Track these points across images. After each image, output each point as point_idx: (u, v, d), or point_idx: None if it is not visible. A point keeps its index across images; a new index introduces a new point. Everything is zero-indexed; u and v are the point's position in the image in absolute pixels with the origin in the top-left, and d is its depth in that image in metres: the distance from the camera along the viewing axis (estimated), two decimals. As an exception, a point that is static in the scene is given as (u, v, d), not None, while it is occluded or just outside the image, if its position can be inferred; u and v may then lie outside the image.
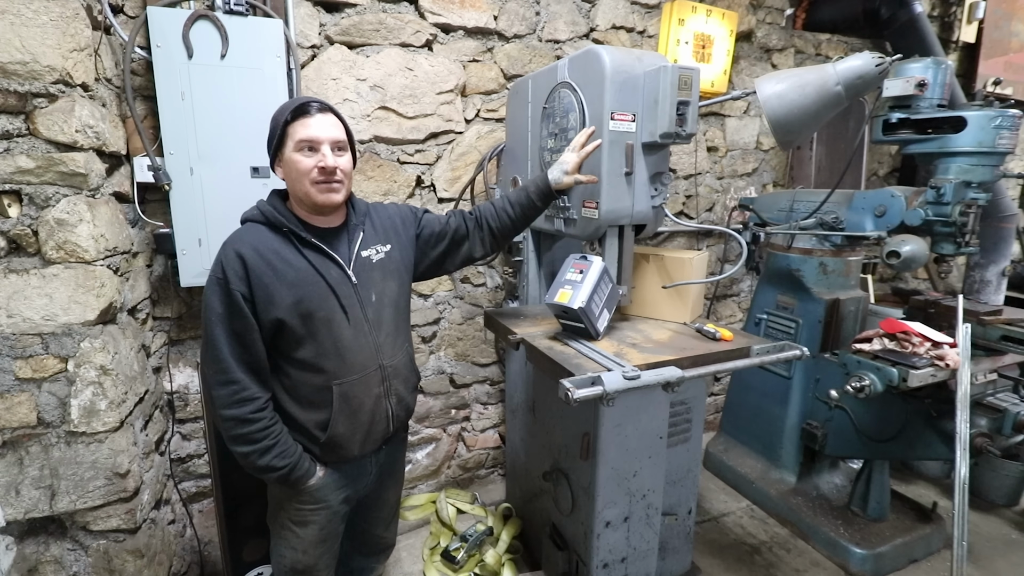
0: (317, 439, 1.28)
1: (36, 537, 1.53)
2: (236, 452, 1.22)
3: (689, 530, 1.95)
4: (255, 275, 1.17)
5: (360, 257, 1.30)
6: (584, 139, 1.46)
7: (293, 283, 1.19)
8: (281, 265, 1.19)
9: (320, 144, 1.19)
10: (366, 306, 1.29)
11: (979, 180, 1.82)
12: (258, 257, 1.18)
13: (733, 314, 3.31)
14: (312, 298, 1.21)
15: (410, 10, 2.13)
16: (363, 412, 1.30)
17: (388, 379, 1.34)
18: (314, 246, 1.24)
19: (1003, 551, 2.25)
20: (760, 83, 1.95)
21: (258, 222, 1.24)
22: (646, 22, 2.61)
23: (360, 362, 1.28)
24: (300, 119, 1.19)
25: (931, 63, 1.85)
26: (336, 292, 1.24)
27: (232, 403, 1.18)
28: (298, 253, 1.22)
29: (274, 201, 1.27)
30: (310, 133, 1.18)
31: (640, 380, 1.28)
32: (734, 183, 3.09)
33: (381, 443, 1.40)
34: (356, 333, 1.27)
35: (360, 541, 1.62)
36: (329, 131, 1.21)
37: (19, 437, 1.45)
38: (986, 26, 3.42)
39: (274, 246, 1.21)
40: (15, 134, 1.34)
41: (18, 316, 1.39)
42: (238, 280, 1.16)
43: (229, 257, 1.17)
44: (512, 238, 1.61)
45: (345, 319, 1.25)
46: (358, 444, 1.32)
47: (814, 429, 2.29)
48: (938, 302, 2.29)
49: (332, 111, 1.24)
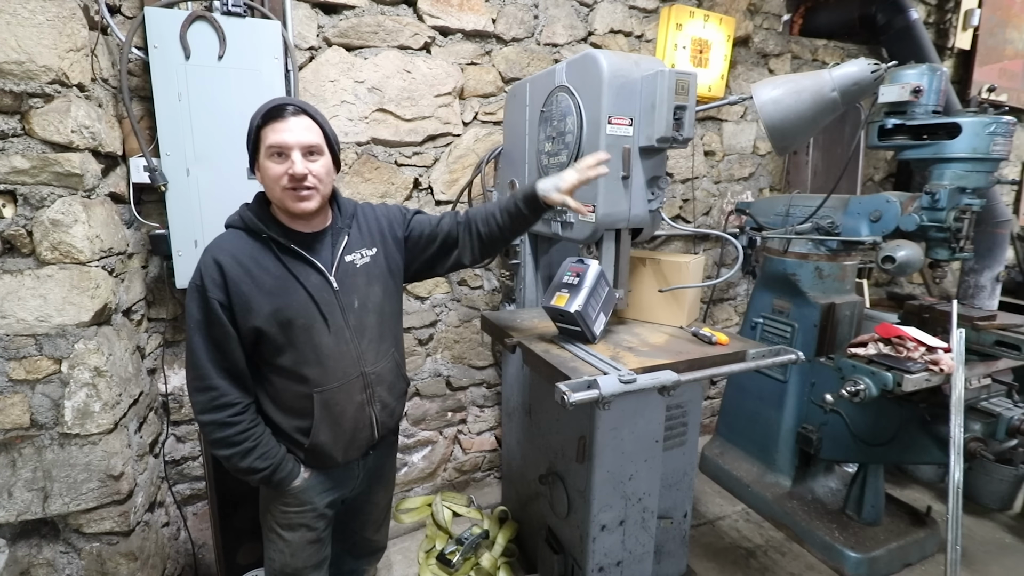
0: (301, 444, 1.27)
1: (29, 540, 1.51)
2: (218, 456, 1.23)
3: (685, 534, 1.95)
4: (233, 283, 1.15)
5: (343, 262, 1.27)
6: (593, 162, 1.32)
7: (271, 291, 1.17)
8: (259, 273, 1.17)
9: (290, 150, 1.14)
10: (347, 313, 1.26)
11: (973, 186, 1.84)
12: (236, 265, 1.16)
13: (729, 318, 3.32)
14: (291, 306, 1.19)
15: (408, 12, 2.14)
16: (345, 419, 1.29)
17: (371, 386, 1.32)
18: (293, 252, 1.21)
19: (997, 555, 2.26)
20: (756, 88, 1.96)
21: (239, 228, 1.22)
22: (644, 27, 2.62)
23: (341, 369, 1.26)
24: (271, 123, 1.15)
25: (926, 70, 1.87)
26: (316, 299, 1.21)
27: (210, 408, 1.18)
28: (277, 260, 1.20)
29: (256, 206, 1.24)
30: (279, 139, 1.14)
31: (636, 384, 1.28)
32: (731, 187, 3.11)
33: (367, 449, 1.38)
34: (337, 340, 1.25)
35: (351, 543, 1.62)
36: (300, 136, 1.15)
37: (12, 439, 1.44)
38: (981, 33, 3.45)
39: (253, 253, 1.19)
40: (10, 134, 1.34)
41: (12, 317, 1.39)
42: (216, 288, 1.15)
43: (208, 264, 1.16)
44: (503, 246, 1.53)
45: (325, 326, 1.23)
46: (341, 451, 1.31)
47: (809, 433, 2.29)
48: (933, 307, 2.31)
49: (307, 113, 1.18)
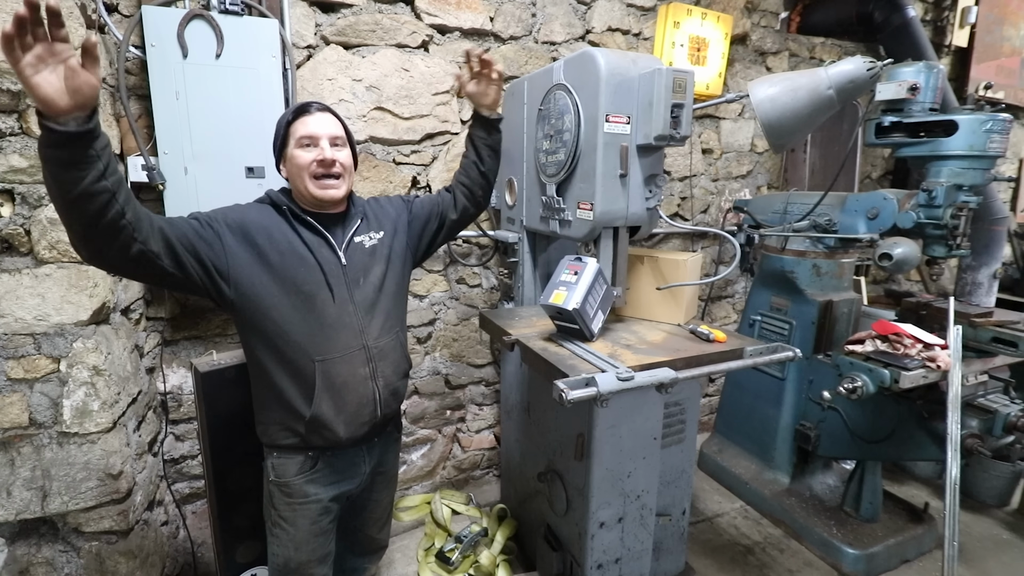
0: (303, 416, 1.28)
1: (28, 539, 1.52)
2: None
3: (683, 531, 1.96)
4: (248, 234, 1.23)
5: (353, 242, 1.36)
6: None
7: (282, 251, 1.25)
8: (278, 234, 1.27)
9: (318, 139, 1.27)
10: (353, 288, 1.32)
11: (970, 183, 1.84)
12: (256, 224, 1.25)
13: (727, 316, 3.33)
14: (299, 273, 1.26)
15: (406, 11, 2.14)
16: (348, 392, 1.31)
17: (374, 360, 1.34)
18: (309, 225, 1.30)
19: (994, 551, 2.27)
20: (753, 87, 1.97)
21: (263, 203, 1.33)
22: (642, 25, 2.62)
23: (344, 341, 1.30)
24: (300, 118, 1.29)
25: (923, 67, 1.87)
26: (324, 270, 1.28)
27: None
28: (293, 231, 1.29)
29: (280, 192, 1.36)
30: (308, 129, 1.27)
31: (634, 381, 1.28)
32: (728, 185, 3.11)
33: (369, 429, 1.37)
34: (340, 312, 1.30)
35: (353, 541, 1.63)
36: (327, 127, 1.29)
37: (10, 438, 1.44)
38: (978, 30, 3.45)
39: (273, 221, 1.28)
40: (8, 133, 1.34)
41: (10, 316, 1.39)
42: (227, 229, 1.21)
43: (234, 211, 1.26)
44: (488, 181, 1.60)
45: (330, 296, 1.29)
46: (343, 426, 1.31)
47: (807, 430, 2.30)
48: (930, 304, 2.32)
49: (331, 111, 1.33)
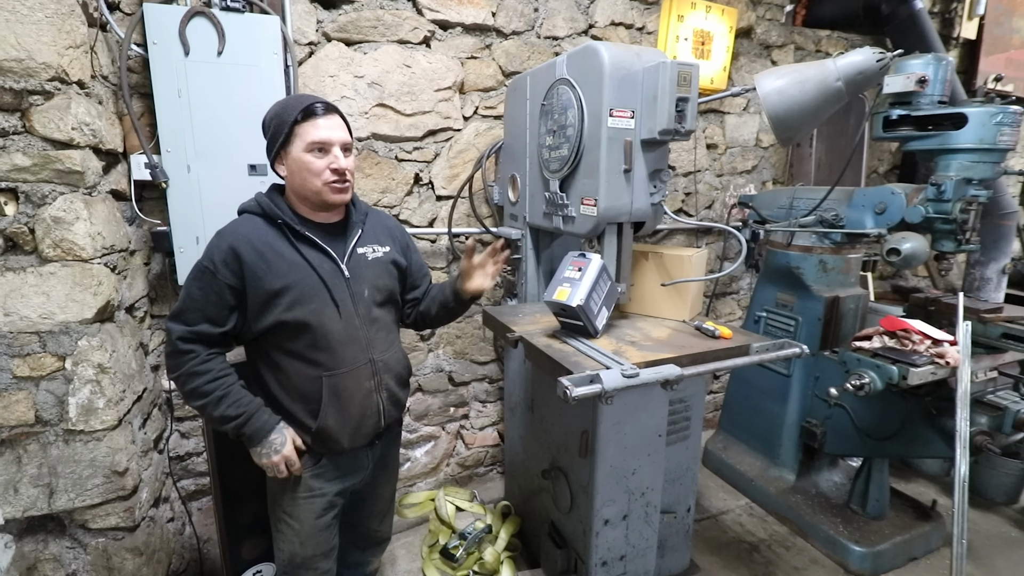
0: (308, 428, 1.29)
1: (35, 535, 1.53)
2: (193, 407, 1.25)
3: (688, 528, 1.95)
4: (248, 267, 1.20)
5: (356, 253, 1.34)
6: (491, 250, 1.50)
7: (284, 275, 1.22)
8: (274, 257, 1.22)
9: (332, 146, 1.23)
10: (357, 301, 1.31)
11: (980, 177, 1.81)
12: (252, 250, 1.21)
13: (732, 312, 3.31)
14: (303, 291, 1.23)
15: (408, 7, 2.12)
16: (353, 405, 1.32)
17: (379, 373, 1.35)
18: (308, 239, 1.26)
19: (1003, 549, 2.25)
20: (760, 79, 1.95)
21: (255, 214, 1.27)
22: (645, 18, 2.59)
23: (351, 355, 1.30)
24: (310, 120, 1.22)
25: (932, 59, 1.84)
26: (328, 285, 1.26)
27: (179, 364, 1.21)
28: (291, 246, 1.25)
29: (272, 195, 1.30)
30: (322, 135, 1.22)
31: (639, 378, 1.28)
32: (733, 180, 3.08)
33: (372, 437, 1.40)
34: (347, 326, 1.29)
35: (355, 534, 1.64)
36: (339, 133, 1.25)
37: (17, 435, 1.45)
38: (987, 22, 3.41)
39: (268, 238, 1.23)
40: (11, 132, 1.34)
41: (15, 314, 1.39)
42: (229, 273, 1.19)
43: (223, 250, 1.20)
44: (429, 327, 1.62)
45: (336, 312, 1.27)
46: (348, 437, 1.33)
47: (813, 427, 2.28)
48: (938, 300, 2.29)
49: (337, 112, 1.28)
